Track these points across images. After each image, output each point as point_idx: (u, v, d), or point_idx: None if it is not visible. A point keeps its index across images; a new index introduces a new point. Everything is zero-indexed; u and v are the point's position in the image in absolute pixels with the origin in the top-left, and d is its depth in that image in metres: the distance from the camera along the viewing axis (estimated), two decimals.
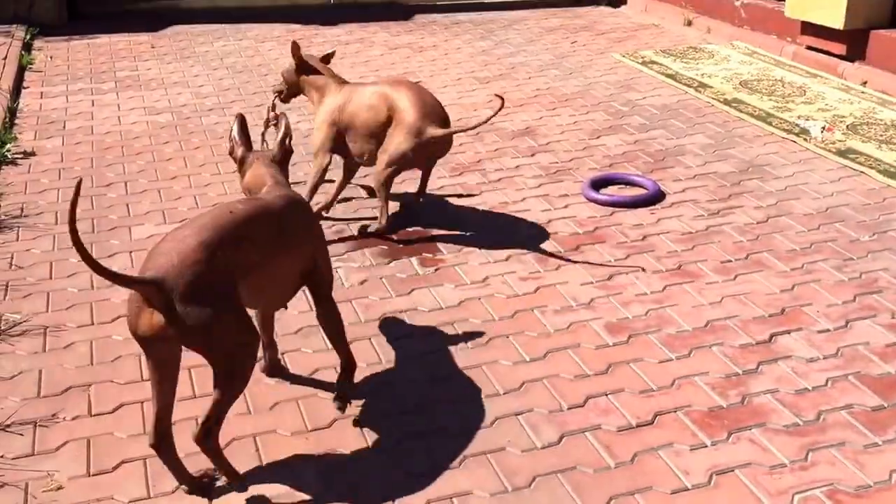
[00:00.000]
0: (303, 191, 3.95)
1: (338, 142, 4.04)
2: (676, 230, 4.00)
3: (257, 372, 3.02)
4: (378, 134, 3.90)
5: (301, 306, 3.42)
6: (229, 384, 2.40)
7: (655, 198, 4.28)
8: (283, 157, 2.96)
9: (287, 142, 2.97)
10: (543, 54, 6.95)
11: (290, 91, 4.30)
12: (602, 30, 7.68)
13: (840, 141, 4.95)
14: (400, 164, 3.86)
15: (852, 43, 6.07)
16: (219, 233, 2.39)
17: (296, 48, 4.18)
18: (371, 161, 4.00)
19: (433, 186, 4.48)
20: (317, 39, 7.58)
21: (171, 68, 6.73)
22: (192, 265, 2.28)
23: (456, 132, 4.00)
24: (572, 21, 8.07)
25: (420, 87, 4.06)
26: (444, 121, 3.85)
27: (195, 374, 3.02)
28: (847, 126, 5.16)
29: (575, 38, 7.46)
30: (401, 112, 3.82)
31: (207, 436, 2.40)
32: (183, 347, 2.41)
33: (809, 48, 6.45)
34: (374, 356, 3.11)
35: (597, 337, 3.20)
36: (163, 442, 2.42)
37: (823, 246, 3.81)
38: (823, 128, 5.10)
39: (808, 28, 6.39)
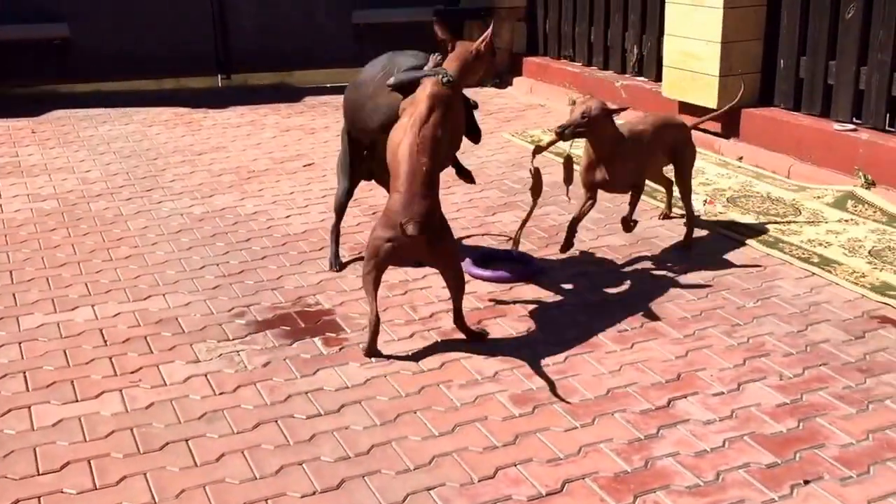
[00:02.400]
0: None
1: None
2: (575, 302, 4.11)
3: (161, 462, 2.97)
4: None
5: (205, 391, 3.39)
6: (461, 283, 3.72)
7: (536, 273, 4.40)
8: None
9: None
10: None
11: None
12: (490, 110, 7.90)
13: (721, 213, 5.19)
14: None
15: (727, 121, 6.40)
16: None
17: None
18: None
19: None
20: (206, 122, 7.58)
21: (55, 153, 6.62)
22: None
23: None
24: None
25: None
26: None
27: (95, 464, 2.95)
28: (727, 199, 5.41)
29: None
30: None
31: (459, 317, 3.72)
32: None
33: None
34: (281, 439, 3.08)
35: (503, 409, 3.25)
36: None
37: (712, 313, 3.97)
38: (705, 201, 5.35)
39: (686, 107, 6.71)
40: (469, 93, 4.90)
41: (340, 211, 4.58)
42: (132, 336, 3.83)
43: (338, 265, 4.48)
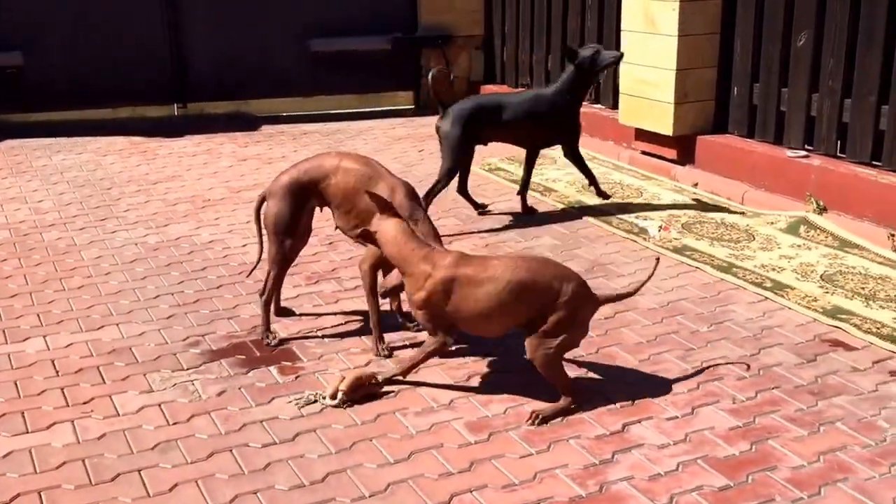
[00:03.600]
0: None
1: None
2: None
3: (112, 493, 2.92)
4: None
5: (158, 421, 3.35)
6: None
7: None
8: None
9: None
10: (392, 163, 7.11)
11: None
12: None
13: (676, 239, 5.24)
14: None
15: (682, 148, 6.48)
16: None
17: None
18: None
19: (288, 295, 4.48)
20: (161, 151, 7.55)
21: (7, 184, 6.55)
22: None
23: None
24: (418, 130, 8.30)
25: None
26: None
27: (46, 495, 2.89)
28: (682, 225, 5.47)
29: (422, 146, 7.68)
30: None
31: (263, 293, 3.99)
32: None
33: (644, 153, 6.84)
34: (236, 468, 3.05)
35: (459, 436, 3.24)
36: None
37: (667, 338, 4.00)
38: (660, 227, 5.40)
39: (642, 134, 6.79)
40: (428, 120, 4.89)
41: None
42: (84, 366, 3.78)
43: None
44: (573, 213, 5.77)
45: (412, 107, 9.24)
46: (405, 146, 7.73)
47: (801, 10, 5.85)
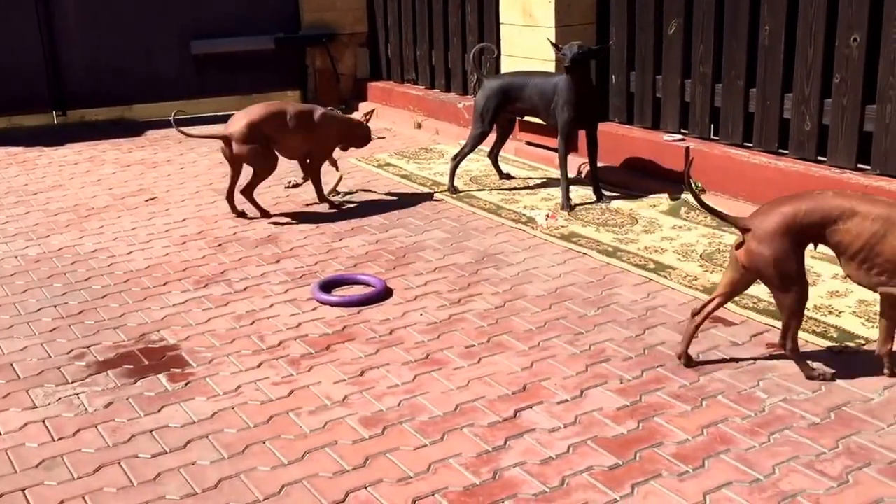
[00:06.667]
0: None
1: None
2: (422, 321, 4.15)
3: None
4: None
5: (42, 438, 3.26)
6: None
7: (382, 295, 4.43)
8: None
9: None
10: (285, 163, 7.05)
11: None
12: None
13: (563, 226, 5.34)
14: None
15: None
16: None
17: None
18: None
19: (176, 301, 4.42)
20: (41, 161, 7.33)
21: None
22: None
23: None
24: None
25: None
26: None
27: None
28: (568, 212, 5.57)
29: None
30: None
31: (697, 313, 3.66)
32: None
33: (529, 143, 6.93)
34: (125, 480, 3.00)
35: (353, 432, 3.25)
36: None
37: (556, 324, 4.08)
38: (547, 215, 5.49)
39: (526, 126, 6.88)
40: None
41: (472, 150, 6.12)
42: None
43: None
44: (462, 205, 5.82)
45: None
46: None
47: None
